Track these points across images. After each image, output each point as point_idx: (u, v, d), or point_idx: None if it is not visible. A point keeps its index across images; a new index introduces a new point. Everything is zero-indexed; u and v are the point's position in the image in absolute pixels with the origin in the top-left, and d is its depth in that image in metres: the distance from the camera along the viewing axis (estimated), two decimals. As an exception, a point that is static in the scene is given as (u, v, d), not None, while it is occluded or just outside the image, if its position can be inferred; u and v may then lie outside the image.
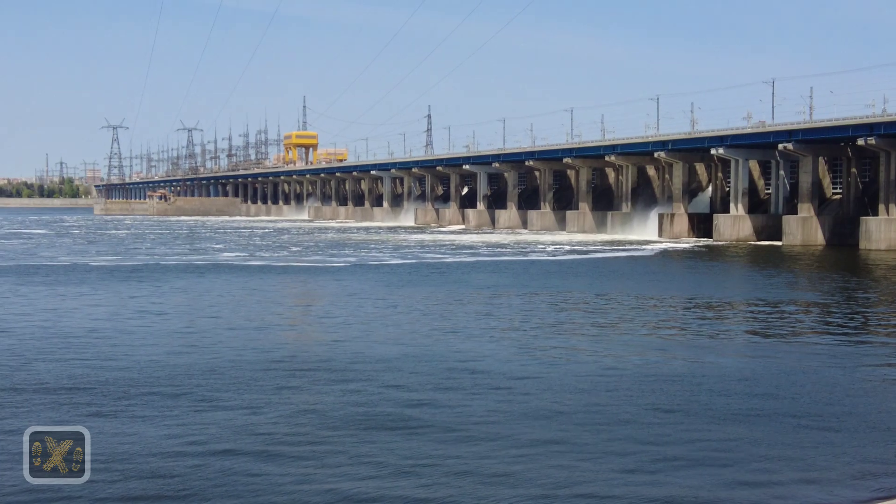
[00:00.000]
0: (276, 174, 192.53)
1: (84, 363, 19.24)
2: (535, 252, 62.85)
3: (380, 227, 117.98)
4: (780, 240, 74.85)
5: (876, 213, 70.06)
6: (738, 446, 13.60)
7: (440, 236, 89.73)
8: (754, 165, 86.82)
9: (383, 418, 14.91)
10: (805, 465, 12.80)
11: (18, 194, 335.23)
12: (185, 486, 11.48)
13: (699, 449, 13.42)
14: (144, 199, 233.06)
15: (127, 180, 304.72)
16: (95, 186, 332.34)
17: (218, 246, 69.09)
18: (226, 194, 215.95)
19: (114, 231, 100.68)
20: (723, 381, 18.10)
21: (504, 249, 65.84)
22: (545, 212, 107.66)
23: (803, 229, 73.43)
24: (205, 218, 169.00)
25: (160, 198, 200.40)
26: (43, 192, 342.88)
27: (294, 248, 66.49)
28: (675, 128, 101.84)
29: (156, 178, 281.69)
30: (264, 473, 11.99)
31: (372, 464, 12.50)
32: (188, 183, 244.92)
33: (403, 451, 13.09)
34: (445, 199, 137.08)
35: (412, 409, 15.49)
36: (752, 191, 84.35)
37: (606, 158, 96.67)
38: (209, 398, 16.22)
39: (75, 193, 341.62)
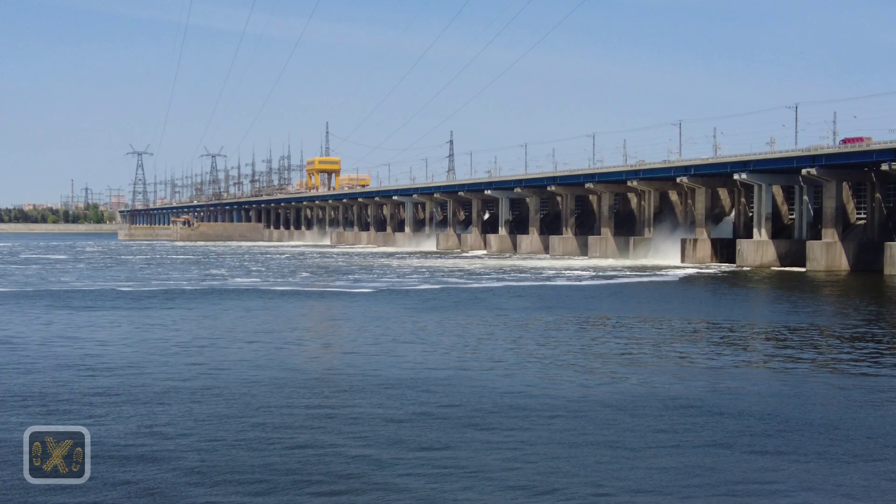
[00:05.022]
0: (299, 199, 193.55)
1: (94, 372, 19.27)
2: (558, 277, 62.66)
3: (402, 252, 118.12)
4: (803, 265, 74.35)
5: (901, 239, 69.50)
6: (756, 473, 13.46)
7: (462, 261, 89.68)
8: (777, 191, 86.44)
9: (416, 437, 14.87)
10: (830, 492, 12.65)
11: (44, 220, 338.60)
12: (185, 487, 11.43)
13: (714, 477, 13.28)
14: (168, 224, 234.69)
15: (151, 206, 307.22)
16: (120, 212, 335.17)
17: (234, 271, 69.30)
18: (249, 220, 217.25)
19: (131, 257, 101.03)
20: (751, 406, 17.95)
21: (526, 275, 65.65)
22: (567, 237, 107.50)
23: (827, 255, 72.85)
24: (227, 243, 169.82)
25: (184, 223, 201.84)
26: (68, 217, 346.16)
27: (315, 273, 66.59)
28: (698, 153, 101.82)
29: (180, 204, 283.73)
30: (265, 474, 11.89)
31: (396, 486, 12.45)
32: (212, 208, 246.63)
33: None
34: (467, 224, 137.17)
35: (471, 430, 15.44)
36: (775, 216, 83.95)
37: (629, 184, 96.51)
38: (209, 402, 16.16)
39: (100, 219, 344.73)
